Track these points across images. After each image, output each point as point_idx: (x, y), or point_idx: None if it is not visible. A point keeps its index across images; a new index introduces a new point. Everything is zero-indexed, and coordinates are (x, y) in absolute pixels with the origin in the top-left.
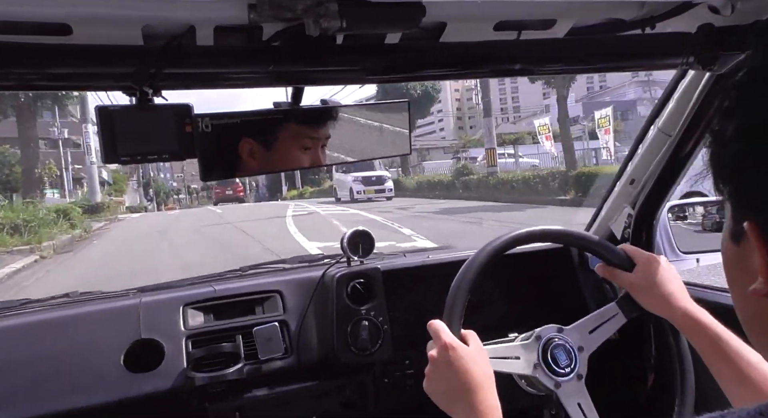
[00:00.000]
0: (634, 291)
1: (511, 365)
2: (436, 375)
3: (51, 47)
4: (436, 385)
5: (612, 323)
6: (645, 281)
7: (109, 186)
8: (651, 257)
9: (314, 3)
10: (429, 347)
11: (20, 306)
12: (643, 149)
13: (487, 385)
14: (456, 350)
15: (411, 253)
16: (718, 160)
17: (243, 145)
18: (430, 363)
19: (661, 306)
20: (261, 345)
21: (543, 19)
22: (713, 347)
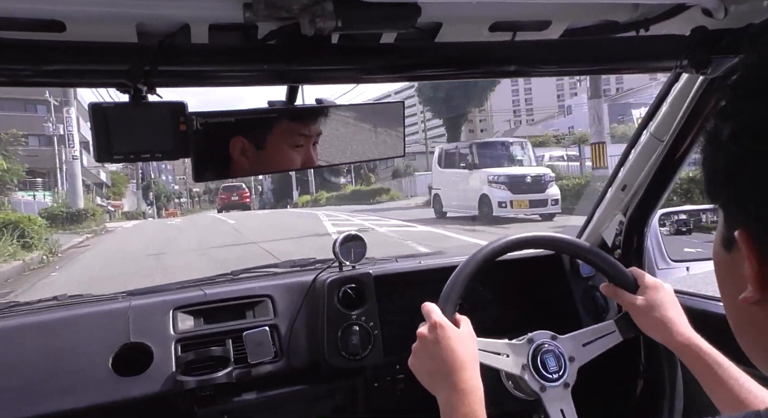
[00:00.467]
0: (634, 313)
1: (500, 360)
2: (422, 353)
3: (44, 44)
4: (421, 362)
5: (607, 339)
6: (647, 304)
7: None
8: (656, 282)
9: (310, 2)
10: (420, 327)
11: (7, 309)
12: (635, 155)
13: (472, 366)
14: (445, 329)
15: (403, 258)
16: (712, 163)
17: (234, 144)
18: (418, 340)
19: (661, 331)
20: (251, 349)
21: (538, 21)
22: (713, 374)
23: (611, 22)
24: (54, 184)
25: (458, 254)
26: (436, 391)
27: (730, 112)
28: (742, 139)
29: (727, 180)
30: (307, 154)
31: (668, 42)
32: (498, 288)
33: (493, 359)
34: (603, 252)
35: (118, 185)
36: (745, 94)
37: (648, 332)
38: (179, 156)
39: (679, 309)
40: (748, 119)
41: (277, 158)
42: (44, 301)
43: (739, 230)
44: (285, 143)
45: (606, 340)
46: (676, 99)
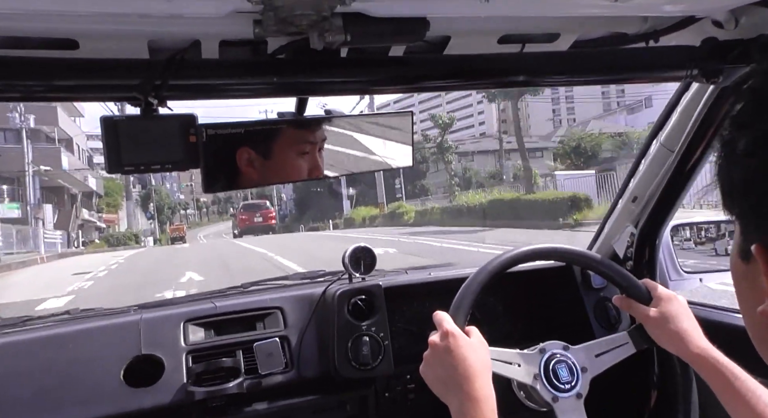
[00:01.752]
0: (648, 325)
1: (512, 370)
2: (434, 360)
3: (58, 61)
4: (433, 370)
5: (620, 351)
6: (661, 316)
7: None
8: (669, 294)
9: (319, 18)
10: (431, 335)
11: (21, 323)
12: (645, 165)
13: (484, 374)
14: (457, 337)
15: (413, 270)
16: (727, 174)
17: (241, 154)
18: (430, 348)
19: (676, 343)
20: (261, 360)
21: (547, 33)
22: (730, 387)
23: (620, 34)
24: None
25: (468, 266)
26: (448, 399)
27: (746, 121)
28: (760, 150)
29: (744, 192)
30: (315, 163)
31: (678, 52)
32: (509, 300)
33: (504, 368)
34: (615, 264)
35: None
36: (762, 103)
37: (662, 343)
38: (189, 167)
39: (693, 321)
40: (765, 129)
41: (285, 167)
42: (57, 315)
43: (756, 244)
44: (293, 154)
45: (619, 351)
46: (687, 108)
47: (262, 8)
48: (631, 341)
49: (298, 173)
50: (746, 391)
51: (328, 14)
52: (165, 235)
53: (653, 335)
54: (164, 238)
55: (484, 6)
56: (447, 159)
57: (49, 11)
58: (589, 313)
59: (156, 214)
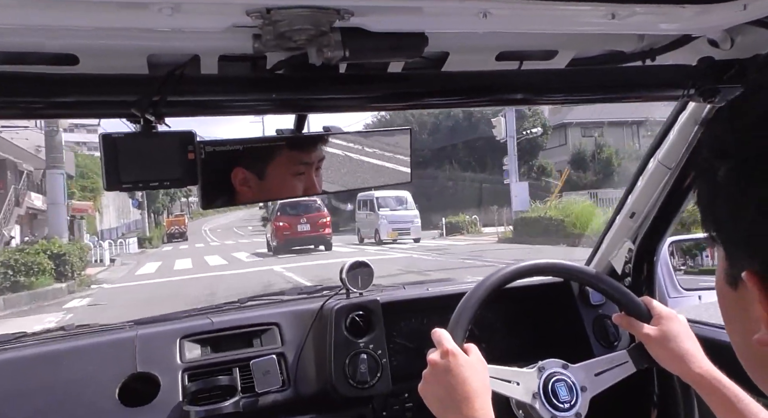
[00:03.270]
0: (649, 344)
1: (510, 388)
2: (434, 379)
3: (58, 77)
4: (432, 389)
5: (620, 370)
6: (662, 335)
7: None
8: (670, 313)
9: (318, 32)
10: (429, 353)
11: (15, 340)
12: (643, 182)
13: (484, 395)
14: (457, 357)
15: (410, 285)
16: (710, 202)
17: (236, 174)
18: (430, 367)
19: (677, 363)
20: (258, 378)
21: (544, 50)
22: (732, 408)
23: (617, 52)
24: None
25: (466, 281)
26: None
27: (726, 149)
28: (743, 180)
29: (732, 220)
30: (311, 182)
31: (675, 72)
32: (507, 316)
33: (503, 386)
34: (614, 280)
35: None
36: (746, 129)
37: (663, 363)
38: (188, 184)
39: (694, 340)
40: (746, 157)
41: (281, 188)
42: (52, 331)
43: (747, 271)
44: (289, 174)
45: (619, 370)
46: (684, 127)
47: (261, 23)
48: (631, 360)
49: (293, 191)
50: (748, 413)
51: (327, 29)
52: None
53: (653, 355)
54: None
55: (482, 22)
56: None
57: (49, 26)
58: (588, 330)
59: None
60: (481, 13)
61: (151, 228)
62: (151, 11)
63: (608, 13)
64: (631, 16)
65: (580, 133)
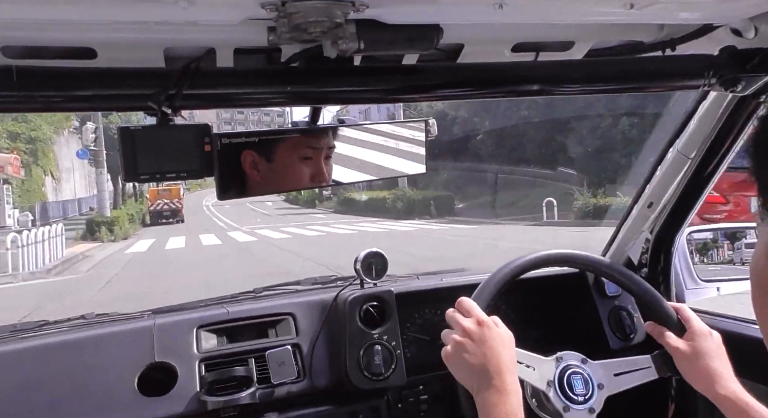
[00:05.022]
0: (678, 358)
1: (526, 372)
2: (467, 349)
3: (76, 70)
4: (464, 358)
5: (641, 374)
6: (693, 351)
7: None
8: (704, 329)
9: (333, 25)
10: (451, 316)
11: (37, 328)
12: (661, 172)
13: (513, 369)
14: (491, 329)
15: (425, 275)
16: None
17: (245, 157)
18: (463, 335)
19: (704, 381)
20: (274, 369)
21: (561, 41)
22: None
23: (636, 42)
24: None
25: (480, 272)
26: (475, 388)
27: None
28: None
29: None
30: (318, 166)
31: (696, 61)
32: (521, 307)
33: (519, 368)
34: (646, 283)
35: (32, 119)
36: None
37: (689, 379)
38: (204, 175)
39: (725, 360)
40: None
41: (288, 171)
42: (73, 319)
43: None
44: (294, 154)
45: (640, 374)
46: (705, 116)
47: (276, 15)
48: (654, 367)
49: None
50: None
51: (341, 21)
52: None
53: (681, 370)
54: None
55: (497, 13)
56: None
57: (68, 20)
58: (604, 321)
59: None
60: (496, 4)
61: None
62: (168, 4)
63: (627, 2)
64: (651, 6)
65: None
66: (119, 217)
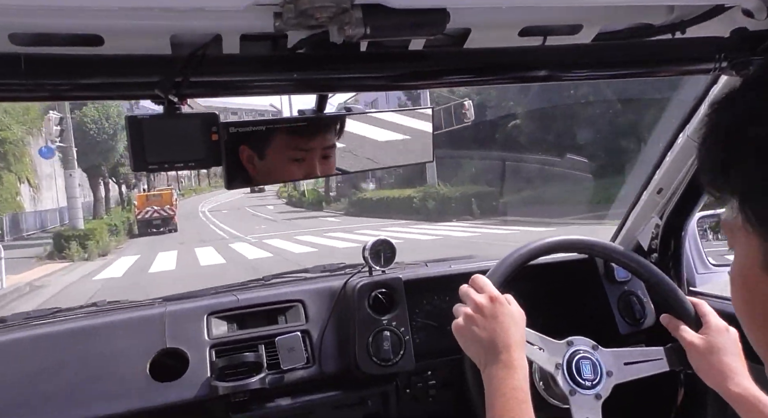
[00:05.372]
0: (691, 352)
1: (535, 352)
2: (478, 323)
3: (83, 58)
4: (474, 331)
5: (652, 365)
6: (708, 346)
7: None
8: (720, 325)
9: (339, 10)
10: (464, 292)
11: (50, 315)
12: (671, 157)
13: (522, 345)
14: (503, 305)
15: (433, 262)
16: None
17: (242, 152)
18: (475, 310)
19: (717, 378)
20: (283, 355)
21: (569, 25)
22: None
23: (645, 25)
24: None
25: (489, 259)
26: (482, 362)
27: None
28: None
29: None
30: (311, 165)
31: (707, 44)
32: (531, 293)
33: (528, 348)
34: (661, 272)
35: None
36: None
37: (702, 375)
38: (211, 165)
39: (740, 357)
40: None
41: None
42: (85, 307)
43: None
44: (282, 156)
45: (651, 365)
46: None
47: (282, 1)
48: (666, 359)
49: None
50: None
51: (348, 6)
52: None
53: (694, 365)
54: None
55: None
56: None
57: (76, 6)
58: (613, 307)
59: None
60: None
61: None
62: None
63: None
64: None
65: None
66: (96, 229)
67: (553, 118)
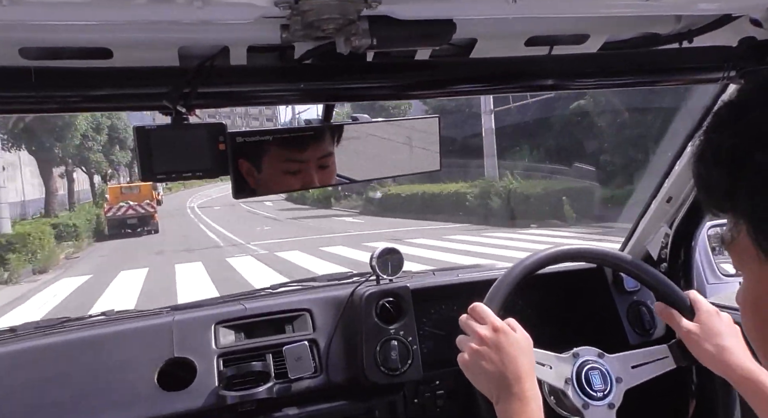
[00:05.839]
0: (689, 341)
1: (543, 371)
2: (485, 357)
3: (92, 71)
4: (482, 365)
5: (659, 365)
6: (703, 332)
7: None
8: (711, 309)
9: (345, 22)
10: (465, 323)
11: (60, 324)
12: (680, 166)
13: (532, 374)
14: (508, 335)
15: (440, 271)
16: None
17: (242, 165)
18: (478, 343)
19: (718, 362)
20: (291, 364)
21: (575, 34)
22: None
23: (652, 34)
24: None
25: (497, 268)
26: (494, 396)
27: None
28: None
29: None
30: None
31: (714, 53)
32: (540, 303)
33: (536, 368)
34: (656, 270)
35: None
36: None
37: (703, 361)
38: (219, 174)
39: (737, 338)
40: None
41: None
42: (94, 316)
43: None
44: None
45: (657, 365)
46: None
47: (289, 13)
48: (671, 356)
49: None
50: None
51: (354, 18)
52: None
53: (693, 352)
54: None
55: (511, 6)
56: None
57: (85, 21)
58: (622, 317)
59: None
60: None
61: (57, 208)
62: (182, 4)
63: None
64: None
65: None
66: (29, 234)
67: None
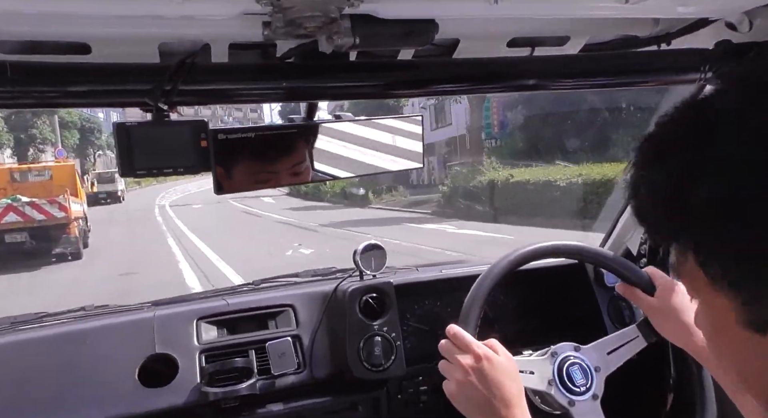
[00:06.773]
0: (652, 316)
1: (526, 379)
2: (470, 386)
3: (70, 66)
4: (469, 394)
5: (631, 345)
6: (665, 307)
7: None
8: (669, 283)
9: (328, 20)
10: (447, 351)
11: (36, 319)
12: None
13: (522, 399)
14: (492, 361)
15: (424, 267)
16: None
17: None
18: (463, 374)
19: (681, 336)
20: (274, 360)
21: (556, 36)
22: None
23: (631, 36)
24: None
25: (480, 263)
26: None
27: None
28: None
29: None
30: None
31: (691, 56)
32: (520, 299)
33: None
34: (615, 254)
35: None
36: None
37: (668, 336)
38: (200, 171)
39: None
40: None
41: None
42: (72, 311)
43: None
44: (302, 157)
45: (630, 346)
46: None
47: (270, 10)
48: (641, 335)
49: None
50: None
51: (336, 16)
52: None
53: (658, 327)
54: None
55: (493, 7)
56: None
57: (63, 14)
58: (603, 311)
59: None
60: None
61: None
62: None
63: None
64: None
65: None
66: None
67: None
